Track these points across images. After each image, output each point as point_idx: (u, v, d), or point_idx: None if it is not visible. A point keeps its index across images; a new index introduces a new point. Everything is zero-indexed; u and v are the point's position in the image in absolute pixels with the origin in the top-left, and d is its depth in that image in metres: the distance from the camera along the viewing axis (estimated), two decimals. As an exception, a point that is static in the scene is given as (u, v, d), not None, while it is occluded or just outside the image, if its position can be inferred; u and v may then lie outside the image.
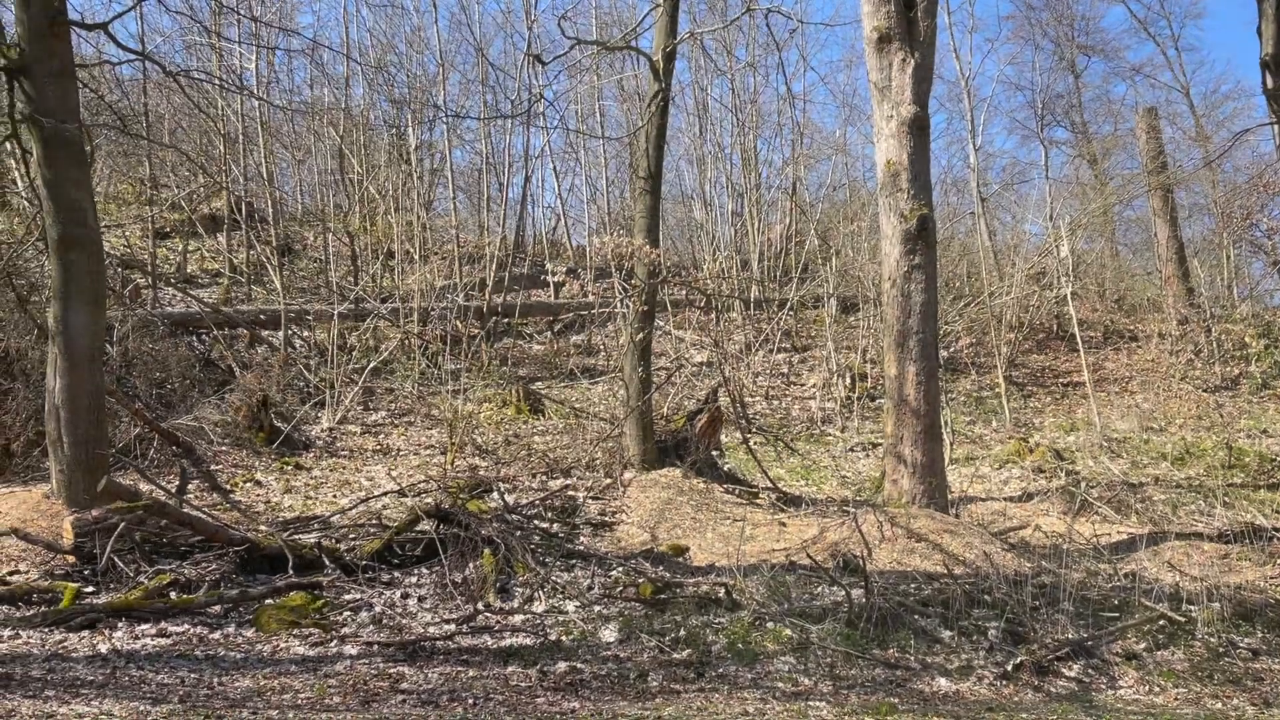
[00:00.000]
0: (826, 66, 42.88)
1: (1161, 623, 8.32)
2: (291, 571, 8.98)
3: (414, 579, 9.24)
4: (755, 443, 16.08)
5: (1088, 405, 19.31)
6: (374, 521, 10.85)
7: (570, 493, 12.79)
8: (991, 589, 8.69)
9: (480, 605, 8.48)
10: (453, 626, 8.07)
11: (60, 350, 10.23)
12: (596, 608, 8.63)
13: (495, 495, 12.03)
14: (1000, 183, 31.47)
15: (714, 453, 14.17)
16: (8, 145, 12.73)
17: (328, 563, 9.25)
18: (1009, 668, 7.56)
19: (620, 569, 9.62)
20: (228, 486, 12.57)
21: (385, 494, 12.21)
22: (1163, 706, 7.07)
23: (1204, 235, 28.52)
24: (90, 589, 8.61)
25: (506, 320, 22.89)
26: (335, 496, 12.59)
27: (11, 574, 9.00)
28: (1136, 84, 36.20)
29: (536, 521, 11.37)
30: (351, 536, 10.35)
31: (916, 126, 12.00)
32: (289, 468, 13.77)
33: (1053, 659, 7.73)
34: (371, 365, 17.96)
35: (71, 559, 9.12)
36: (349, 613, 8.34)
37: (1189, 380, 21.18)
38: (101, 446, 10.47)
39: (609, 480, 13.24)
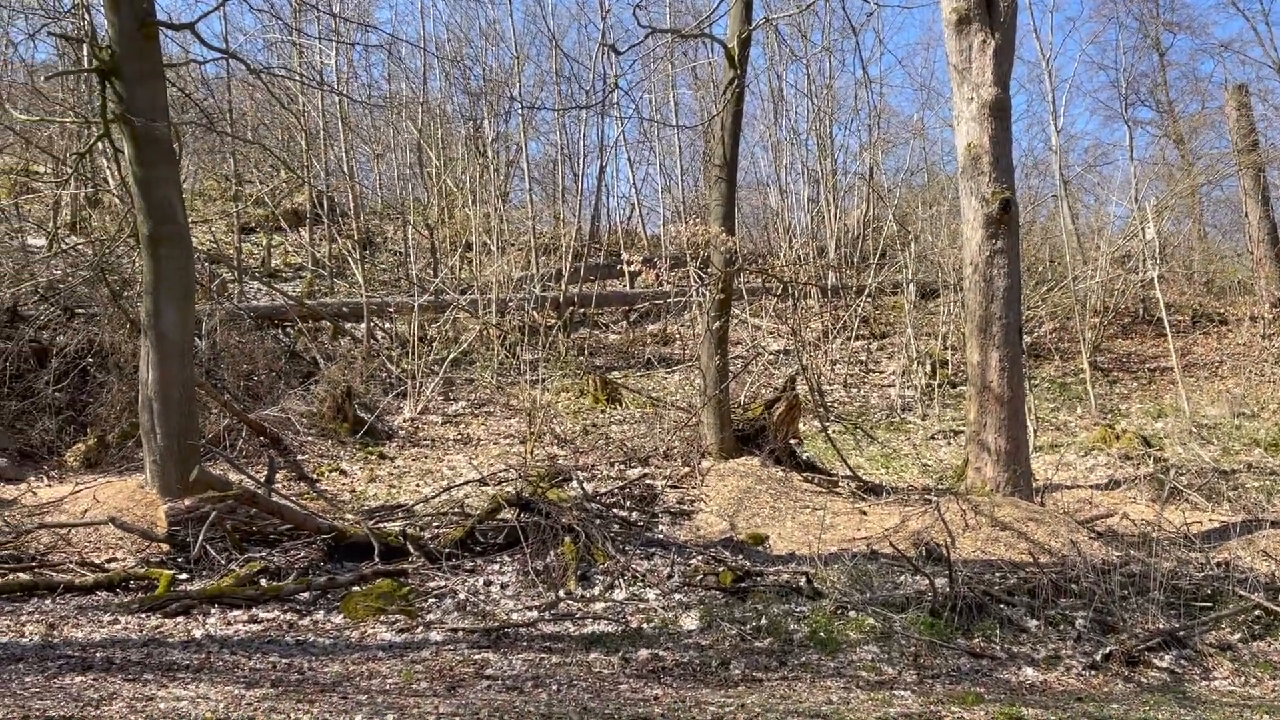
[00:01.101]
0: (904, 49, 42.17)
1: (1257, 613, 8.11)
2: (377, 559, 9.14)
3: (496, 566, 9.34)
4: (834, 431, 15.97)
5: (1176, 391, 18.84)
6: (456, 510, 10.98)
7: (648, 481, 12.82)
8: (1078, 578, 8.53)
9: (562, 593, 8.55)
10: (535, 613, 8.15)
11: (152, 344, 10.52)
12: (677, 596, 8.63)
13: (574, 484, 12.11)
14: (1083, 164, 30.75)
15: (792, 441, 14.08)
16: (100, 145, 13.11)
17: (412, 550, 9.38)
18: (1098, 658, 7.41)
19: (700, 557, 9.60)
20: (314, 476, 12.83)
21: (467, 483, 12.35)
22: (1259, 698, 6.89)
23: (1297, 215, 27.61)
24: (184, 576, 8.87)
25: (583, 310, 23.01)
26: (418, 485, 12.78)
27: (110, 561, 9.28)
28: (1225, 61, 35.07)
29: (616, 510, 11.42)
30: (435, 525, 10.51)
31: (997, 108, 11.80)
32: (373, 457, 14.01)
33: (1143, 649, 7.55)
34: (451, 356, 18.17)
35: (166, 547, 9.41)
36: (434, 599, 8.45)
37: (1283, 364, 20.55)
38: (193, 437, 10.76)
39: (687, 469, 13.23)
